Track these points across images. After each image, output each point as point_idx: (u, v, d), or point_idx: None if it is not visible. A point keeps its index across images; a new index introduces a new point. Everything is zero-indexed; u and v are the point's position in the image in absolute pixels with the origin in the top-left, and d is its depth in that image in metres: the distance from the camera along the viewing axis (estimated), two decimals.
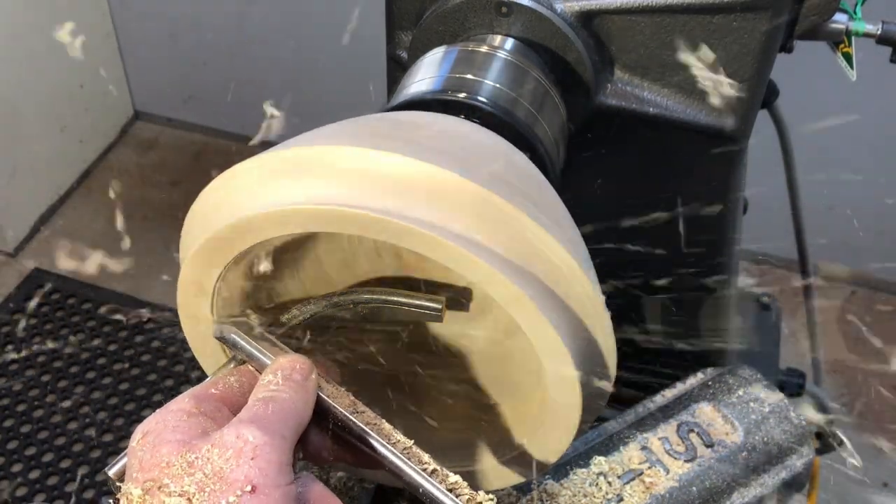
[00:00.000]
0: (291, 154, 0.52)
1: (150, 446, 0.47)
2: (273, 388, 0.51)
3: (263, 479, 0.44)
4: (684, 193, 0.85)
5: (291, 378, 0.52)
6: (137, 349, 2.10)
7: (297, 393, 0.51)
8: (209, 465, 0.45)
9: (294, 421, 0.49)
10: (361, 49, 1.84)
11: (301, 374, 0.53)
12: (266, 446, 0.45)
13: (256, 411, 0.48)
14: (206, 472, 0.44)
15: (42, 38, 2.31)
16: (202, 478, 0.44)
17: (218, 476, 0.44)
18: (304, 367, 0.53)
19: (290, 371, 0.52)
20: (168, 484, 0.44)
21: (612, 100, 0.77)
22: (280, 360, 0.54)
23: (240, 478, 0.44)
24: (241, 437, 0.46)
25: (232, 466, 0.44)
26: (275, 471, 0.45)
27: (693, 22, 0.72)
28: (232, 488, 0.44)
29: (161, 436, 0.47)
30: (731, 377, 0.79)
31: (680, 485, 0.71)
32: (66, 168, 2.52)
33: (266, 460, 0.45)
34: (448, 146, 0.55)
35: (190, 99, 2.60)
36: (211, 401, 0.51)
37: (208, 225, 0.54)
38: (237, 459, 0.45)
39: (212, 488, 0.44)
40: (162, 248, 2.33)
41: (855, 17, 0.79)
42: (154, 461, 0.46)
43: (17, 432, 1.95)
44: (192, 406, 0.50)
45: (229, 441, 0.45)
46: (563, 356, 0.53)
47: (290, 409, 0.50)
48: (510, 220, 0.51)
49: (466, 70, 0.70)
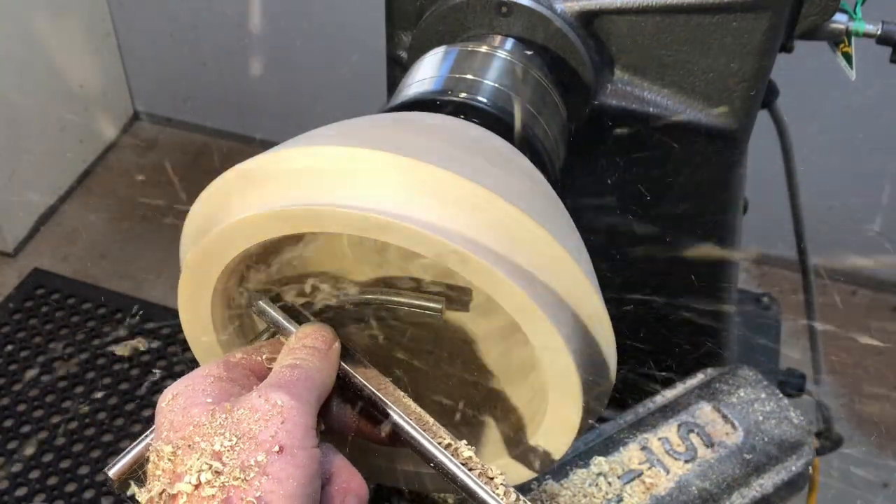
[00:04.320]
0: (291, 154, 0.52)
1: (181, 407, 0.48)
2: (297, 355, 0.53)
3: (291, 440, 0.46)
4: (684, 193, 0.85)
5: (315, 346, 0.54)
6: (137, 349, 2.10)
7: (320, 361, 0.53)
8: (239, 426, 0.46)
9: (318, 388, 0.51)
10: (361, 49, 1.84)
11: (325, 342, 0.55)
12: (293, 409, 0.47)
13: (283, 377, 0.50)
14: (237, 433, 0.46)
15: (42, 38, 2.31)
16: (232, 437, 0.46)
17: (248, 436, 0.46)
18: (328, 335, 0.55)
19: (314, 339, 0.54)
20: (199, 442, 0.46)
21: (612, 100, 0.77)
22: (304, 329, 0.56)
23: (268, 438, 0.46)
24: (269, 401, 0.47)
25: (261, 427, 0.46)
26: (301, 433, 0.47)
27: (693, 22, 0.72)
28: (261, 448, 0.45)
29: (191, 398, 0.49)
30: (732, 377, 0.79)
31: (680, 485, 0.71)
32: (66, 168, 2.52)
33: (293, 423, 0.47)
34: (448, 146, 0.55)
35: (190, 99, 2.60)
36: (239, 367, 0.53)
37: (208, 226, 0.54)
38: (266, 421, 0.46)
39: (241, 448, 0.45)
40: (162, 248, 2.33)
41: (855, 17, 0.79)
42: (185, 421, 0.47)
43: (17, 432, 1.95)
44: (222, 371, 0.52)
45: (258, 404, 0.47)
46: (564, 356, 0.53)
47: (315, 375, 0.51)
48: (510, 219, 0.51)
49: (466, 70, 0.70)
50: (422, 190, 0.50)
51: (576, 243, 0.56)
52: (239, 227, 0.52)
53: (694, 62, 0.74)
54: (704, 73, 0.74)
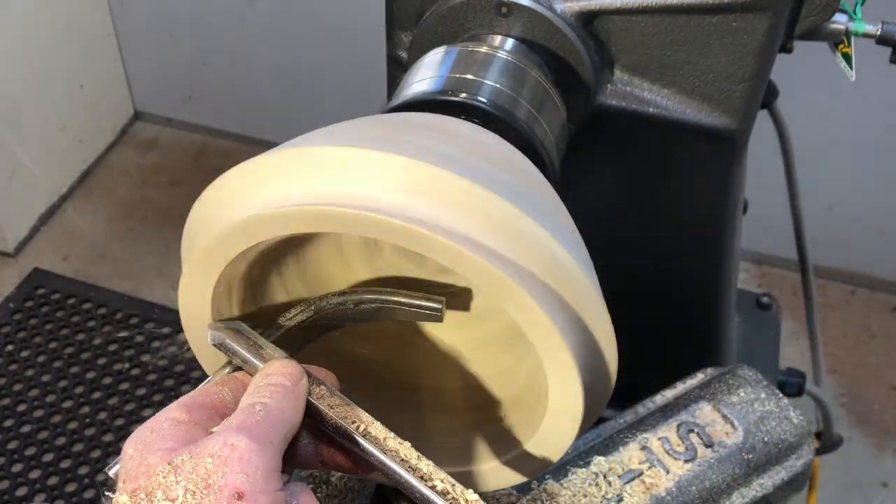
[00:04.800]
0: (291, 155, 0.52)
1: (139, 455, 0.47)
2: (261, 394, 0.50)
3: (251, 485, 0.44)
4: (684, 193, 0.85)
5: (280, 383, 0.52)
6: (137, 349, 2.10)
7: (285, 399, 0.51)
8: (196, 473, 0.45)
9: (282, 427, 0.49)
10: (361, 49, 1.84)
11: (290, 379, 0.52)
12: (253, 453, 0.45)
13: (244, 418, 0.48)
14: (194, 480, 0.44)
15: (42, 37, 2.31)
16: (189, 485, 0.44)
17: (205, 483, 0.44)
18: (294, 371, 0.53)
19: (279, 376, 0.52)
20: (155, 491, 0.44)
21: (612, 100, 0.77)
22: (269, 366, 0.54)
23: (227, 484, 0.44)
24: (227, 444, 0.45)
25: (219, 474, 0.44)
26: (262, 477, 0.45)
27: (693, 22, 0.72)
28: (219, 496, 0.44)
29: (150, 444, 0.47)
30: (732, 377, 0.79)
31: (680, 485, 0.71)
32: (66, 168, 2.52)
33: (254, 466, 0.45)
34: (448, 147, 0.55)
35: (190, 99, 2.60)
36: (202, 408, 0.51)
37: (209, 225, 0.54)
38: (224, 466, 0.45)
39: (200, 496, 0.44)
40: (162, 248, 2.33)
41: (855, 17, 0.79)
42: (142, 469, 0.46)
43: (17, 432, 1.95)
44: (183, 414, 0.49)
45: (216, 448, 0.45)
46: (564, 356, 0.53)
47: (278, 415, 0.49)
48: (511, 220, 0.51)
49: (466, 70, 0.70)
50: (422, 190, 0.50)
51: (576, 243, 0.56)
52: (239, 228, 0.52)
53: (694, 62, 0.74)
54: (704, 73, 0.75)
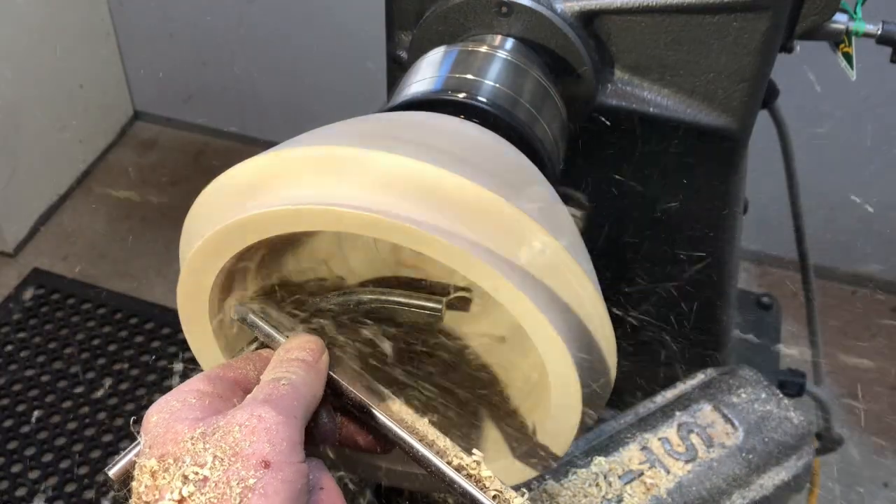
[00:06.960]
0: (291, 154, 0.52)
1: (165, 423, 0.48)
2: (285, 369, 0.52)
3: (277, 455, 0.45)
4: (685, 193, 0.85)
5: (303, 358, 0.53)
6: (137, 349, 2.10)
7: (307, 373, 0.52)
8: (224, 442, 0.45)
9: (305, 401, 0.50)
10: (361, 49, 1.84)
11: (312, 354, 0.54)
12: (280, 425, 0.47)
13: (269, 391, 0.49)
14: (221, 448, 0.45)
15: (42, 37, 2.31)
16: (218, 452, 0.45)
17: (233, 451, 0.45)
18: (316, 347, 0.55)
19: (301, 351, 0.54)
20: (183, 456, 0.45)
21: (612, 100, 0.77)
22: (292, 340, 0.55)
23: (254, 453, 0.45)
24: (254, 415, 0.47)
25: (246, 443, 0.45)
26: (288, 448, 0.46)
27: (693, 22, 0.72)
28: (247, 463, 0.45)
29: (177, 413, 0.48)
30: (732, 377, 0.79)
31: (680, 485, 0.71)
32: (66, 168, 2.52)
33: (280, 437, 0.46)
34: (448, 146, 0.55)
35: (190, 99, 2.60)
36: (225, 381, 0.52)
37: (208, 225, 0.54)
38: (251, 436, 0.46)
39: (226, 463, 0.45)
40: (162, 248, 2.33)
41: (855, 17, 0.79)
42: (169, 436, 0.46)
43: (17, 432, 1.95)
44: (207, 386, 0.51)
45: (243, 419, 0.46)
46: (564, 356, 0.53)
47: (302, 389, 0.51)
48: (510, 220, 0.51)
49: (466, 70, 0.70)
50: (421, 190, 0.50)
51: (576, 243, 0.56)
52: (239, 227, 0.52)
53: (694, 62, 0.74)
54: (704, 73, 0.74)
